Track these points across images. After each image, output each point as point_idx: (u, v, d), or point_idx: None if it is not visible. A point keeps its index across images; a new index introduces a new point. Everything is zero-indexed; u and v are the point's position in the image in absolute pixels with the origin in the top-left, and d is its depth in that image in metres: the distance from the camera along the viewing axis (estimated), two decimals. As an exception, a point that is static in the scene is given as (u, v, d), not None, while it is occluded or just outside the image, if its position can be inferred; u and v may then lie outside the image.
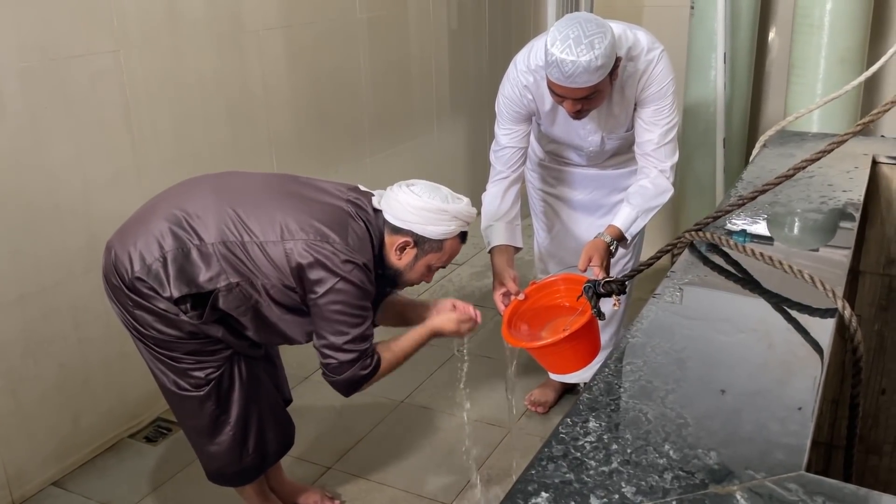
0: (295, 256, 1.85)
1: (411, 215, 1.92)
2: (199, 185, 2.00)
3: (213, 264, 1.86)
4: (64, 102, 2.42)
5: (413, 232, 1.93)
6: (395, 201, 1.93)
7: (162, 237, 1.86)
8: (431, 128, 4.34)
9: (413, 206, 1.91)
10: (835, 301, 1.27)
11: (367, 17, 3.63)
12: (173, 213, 1.89)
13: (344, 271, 1.84)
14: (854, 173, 2.00)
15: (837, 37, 3.32)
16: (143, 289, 1.87)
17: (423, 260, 1.98)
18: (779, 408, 1.03)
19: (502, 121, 2.34)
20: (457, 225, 1.96)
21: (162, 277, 1.85)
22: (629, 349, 1.18)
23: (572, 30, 1.97)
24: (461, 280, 4.01)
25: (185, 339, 1.93)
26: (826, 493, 0.85)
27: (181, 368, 1.97)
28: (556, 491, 0.86)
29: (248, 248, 1.87)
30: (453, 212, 1.93)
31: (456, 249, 2.03)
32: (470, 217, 1.98)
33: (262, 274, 1.88)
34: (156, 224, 1.89)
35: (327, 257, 1.84)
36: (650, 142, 2.26)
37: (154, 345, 1.95)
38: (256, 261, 1.87)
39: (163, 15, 2.68)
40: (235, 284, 1.88)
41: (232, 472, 2.13)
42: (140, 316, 1.91)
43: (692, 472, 0.89)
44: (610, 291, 1.81)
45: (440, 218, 1.92)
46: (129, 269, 1.87)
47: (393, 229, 1.95)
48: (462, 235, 2.01)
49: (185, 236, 1.87)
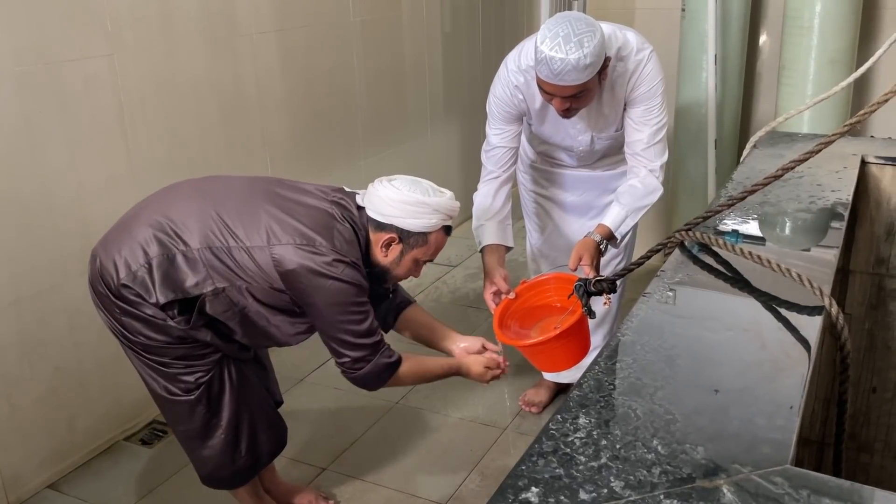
0: (283, 263, 1.85)
1: (392, 209, 1.92)
2: (182, 190, 2.00)
3: (199, 269, 1.87)
4: (58, 106, 2.43)
5: (396, 227, 1.94)
6: (376, 196, 1.94)
7: (146, 244, 1.87)
8: (425, 130, 4.35)
9: (393, 199, 1.92)
10: (822, 299, 1.28)
11: (360, 21, 3.65)
12: (157, 220, 1.90)
13: (334, 273, 1.85)
14: (843, 173, 2.01)
15: (827, 38, 3.35)
16: (130, 296, 1.87)
17: (409, 255, 1.99)
18: (766, 404, 1.04)
19: (493, 121, 2.36)
20: (439, 218, 1.95)
21: (148, 284, 1.85)
22: (619, 347, 1.20)
23: (562, 28, 1.98)
24: (455, 282, 4.02)
25: (174, 344, 1.93)
26: (811, 486, 0.87)
27: (171, 373, 1.97)
28: (546, 486, 0.88)
29: (234, 253, 1.87)
30: (434, 204, 1.93)
31: (441, 242, 2.03)
32: (452, 210, 1.98)
33: (248, 278, 1.88)
34: (140, 231, 1.89)
35: (315, 261, 1.85)
36: (640, 141, 2.28)
37: (143, 351, 1.95)
38: (243, 265, 1.87)
39: (156, 18, 2.69)
40: (221, 290, 1.88)
41: (225, 474, 2.13)
42: (128, 323, 1.91)
43: (680, 467, 0.90)
44: (601, 290, 1.83)
45: (421, 211, 1.92)
46: (114, 276, 1.87)
47: (377, 226, 1.96)
48: (446, 229, 2.02)
49: (169, 242, 1.87)
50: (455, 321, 3.54)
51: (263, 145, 3.21)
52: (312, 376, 3.17)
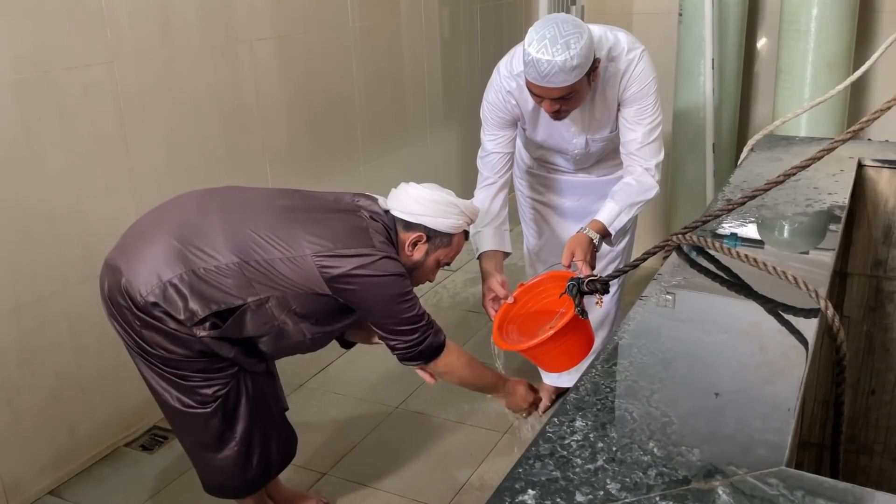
0: (331, 269, 1.86)
1: (423, 208, 1.98)
2: (203, 201, 1.98)
3: (239, 281, 1.85)
4: (58, 114, 2.44)
5: (425, 226, 2.00)
6: (406, 195, 2.00)
7: (174, 259, 1.84)
8: (424, 136, 4.36)
9: (424, 198, 1.98)
10: (818, 302, 1.29)
11: (359, 27, 3.66)
12: (182, 233, 1.87)
13: (380, 269, 1.89)
14: (840, 176, 2.02)
15: (824, 42, 3.36)
16: (157, 312, 1.85)
17: (433, 255, 2.05)
18: (762, 406, 1.05)
19: (488, 127, 2.36)
20: (464, 220, 2.04)
21: (176, 300, 1.83)
22: (616, 350, 1.20)
23: (549, 30, 1.99)
24: (455, 287, 4.03)
25: (194, 357, 1.92)
26: (806, 487, 0.87)
27: (188, 386, 1.96)
28: (542, 488, 0.88)
29: (275, 264, 1.86)
30: (462, 206, 2.02)
31: (461, 246, 2.11)
32: (475, 213, 2.08)
33: (291, 286, 1.88)
34: (165, 245, 1.86)
35: (362, 263, 1.87)
36: (634, 141, 2.27)
37: (160, 363, 1.93)
38: (285, 275, 1.87)
39: (156, 26, 2.70)
40: (266, 299, 1.88)
41: (235, 484, 2.12)
42: (149, 336, 1.89)
43: (675, 469, 0.91)
44: (594, 290, 1.81)
45: (450, 211, 2.00)
46: (140, 291, 1.84)
47: (405, 225, 2.01)
48: (465, 233, 2.11)
49: (198, 257, 1.85)
50: (455, 326, 3.55)
51: (263, 151, 3.22)
52: (312, 381, 3.17)
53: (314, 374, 3.21)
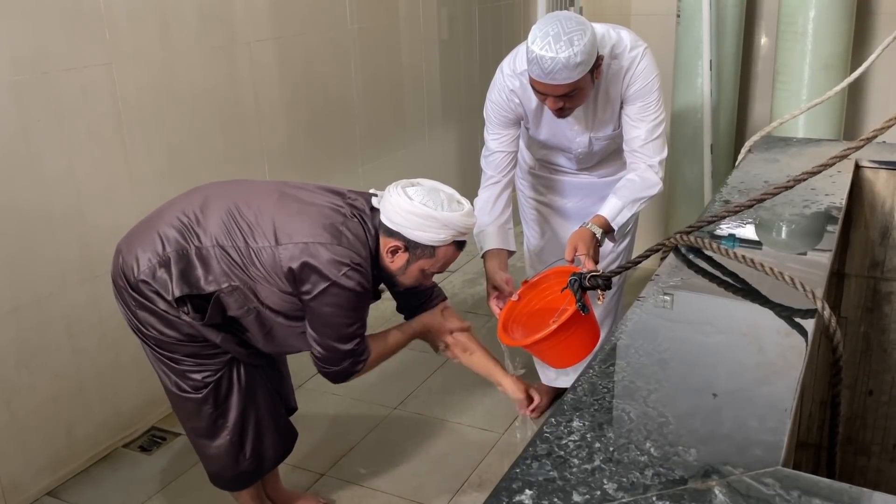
0: (286, 261, 1.87)
1: (400, 218, 1.88)
2: (204, 191, 2.05)
3: (214, 267, 1.90)
4: (57, 115, 2.44)
5: (402, 236, 1.90)
6: (388, 202, 1.91)
7: (166, 241, 1.92)
8: (423, 136, 4.36)
9: (402, 209, 1.87)
10: (815, 302, 1.29)
11: (357, 28, 3.66)
12: (178, 218, 1.95)
13: (335, 275, 1.85)
14: (837, 177, 2.02)
15: (821, 44, 3.37)
16: (147, 291, 1.91)
17: (415, 265, 1.95)
18: (758, 406, 1.05)
19: (491, 126, 2.36)
20: (448, 234, 1.89)
21: (165, 279, 1.90)
22: (614, 351, 1.21)
23: (552, 27, 1.99)
24: (454, 287, 4.03)
25: (184, 341, 1.96)
26: (802, 487, 0.87)
27: (180, 370, 2.00)
28: (539, 488, 0.89)
29: (244, 252, 1.90)
30: (444, 220, 1.86)
31: (451, 257, 1.97)
32: (464, 227, 1.91)
33: (260, 279, 1.91)
34: (162, 228, 1.94)
35: (318, 260, 1.85)
36: (638, 138, 2.27)
37: (155, 345, 1.99)
38: (257, 265, 1.90)
39: (154, 27, 2.70)
40: (235, 287, 1.91)
41: (228, 475, 2.15)
42: (142, 316, 1.95)
43: (672, 469, 0.91)
44: (595, 286, 1.82)
45: (429, 225, 1.87)
46: (134, 270, 1.92)
47: (386, 231, 1.93)
48: (458, 244, 1.96)
49: (187, 239, 1.92)
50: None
51: (261, 152, 3.22)
52: (311, 382, 3.17)
53: (312, 374, 3.21)
